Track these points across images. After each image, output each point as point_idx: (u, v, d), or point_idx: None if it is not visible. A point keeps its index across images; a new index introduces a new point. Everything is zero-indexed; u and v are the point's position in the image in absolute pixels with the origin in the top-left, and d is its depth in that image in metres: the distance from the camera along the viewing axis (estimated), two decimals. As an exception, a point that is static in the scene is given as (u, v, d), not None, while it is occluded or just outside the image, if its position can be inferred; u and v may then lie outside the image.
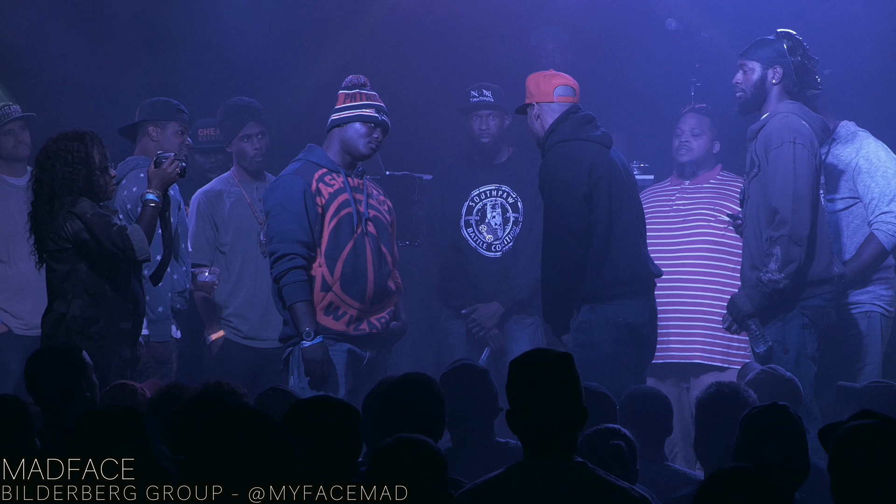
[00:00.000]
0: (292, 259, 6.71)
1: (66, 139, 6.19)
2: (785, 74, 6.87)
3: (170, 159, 6.41)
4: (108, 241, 6.10)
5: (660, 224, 7.85)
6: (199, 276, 7.46)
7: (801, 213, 6.69)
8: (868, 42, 8.53)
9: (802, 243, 6.68)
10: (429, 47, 9.20)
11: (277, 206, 6.79)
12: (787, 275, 6.67)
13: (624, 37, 9.08)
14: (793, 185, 6.70)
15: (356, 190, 6.92)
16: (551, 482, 3.91)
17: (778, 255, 6.67)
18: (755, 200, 6.83)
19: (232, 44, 8.90)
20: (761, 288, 6.71)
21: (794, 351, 6.75)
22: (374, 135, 6.89)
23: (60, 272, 6.16)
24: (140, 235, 6.17)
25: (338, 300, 6.80)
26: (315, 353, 6.68)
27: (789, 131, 6.75)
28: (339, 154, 6.92)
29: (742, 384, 5.51)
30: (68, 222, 6.10)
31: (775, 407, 4.37)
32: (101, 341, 6.12)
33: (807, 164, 6.72)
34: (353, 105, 6.90)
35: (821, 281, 6.81)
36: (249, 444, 3.05)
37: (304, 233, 6.74)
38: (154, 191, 6.35)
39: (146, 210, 6.32)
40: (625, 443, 4.73)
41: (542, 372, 4.00)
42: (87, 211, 6.10)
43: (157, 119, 7.23)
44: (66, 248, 6.13)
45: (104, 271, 6.18)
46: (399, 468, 3.89)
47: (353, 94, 6.92)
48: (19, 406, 4.76)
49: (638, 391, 5.88)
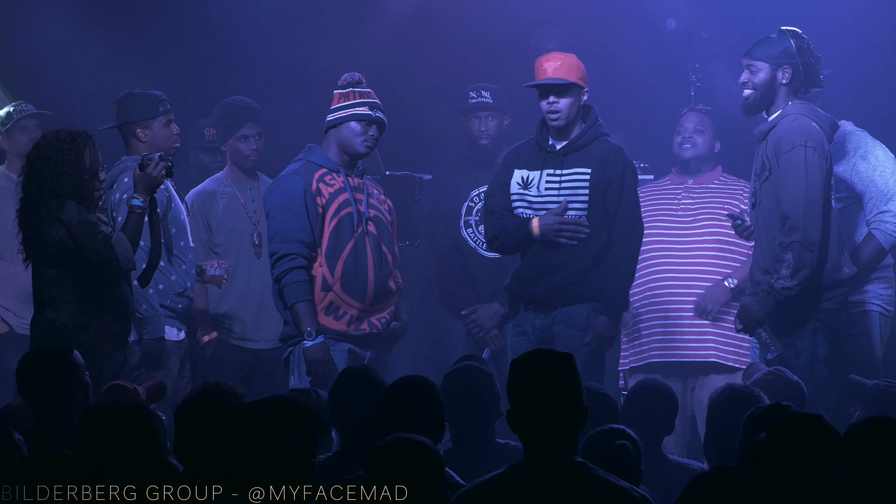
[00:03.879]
0: (293, 259, 6.70)
1: (58, 140, 6.11)
2: (794, 74, 6.80)
3: (154, 161, 6.30)
4: (91, 251, 6.03)
5: (667, 222, 7.83)
6: (209, 269, 7.41)
7: (813, 218, 6.62)
8: (868, 42, 8.52)
9: (814, 249, 6.62)
10: (428, 47, 9.19)
11: (278, 207, 6.78)
12: (800, 281, 6.62)
13: (624, 37, 9.07)
14: (804, 190, 6.63)
15: (356, 189, 6.91)
16: (551, 482, 3.91)
17: (790, 261, 6.61)
18: (767, 205, 6.76)
19: (239, 43, 8.91)
20: (774, 295, 6.64)
21: (806, 356, 6.69)
22: (370, 132, 6.87)
23: (48, 276, 6.10)
24: (125, 245, 6.09)
25: (338, 300, 6.80)
26: (317, 352, 6.68)
27: (801, 135, 6.68)
28: (337, 154, 6.91)
29: (750, 385, 5.51)
30: (53, 228, 6.02)
31: (777, 407, 4.35)
32: (93, 348, 6.05)
33: (818, 169, 6.66)
34: (346, 104, 6.89)
35: (833, 284, 6.77)
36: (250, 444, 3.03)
37: (305, 233, 6.74)
38: (139, 196, 6.27)
39: (131, 217, 6.24)
40: (630, 443, 4.72)
41: (542, 372, 3.99)
42: (72, 217, 6.02)
43: (142, 119, 7.03)
44: (51, 253, 6.07)
45: (94, 276, 6.12)
46: (397, 468, 3.88)
47: (347, 93, 6.91)
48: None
49: (647, 382, 5.96)
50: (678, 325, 7.62)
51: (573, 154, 6.84)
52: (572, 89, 6.79)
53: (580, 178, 6.82)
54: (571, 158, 6.84)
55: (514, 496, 3.91)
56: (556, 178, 6.83)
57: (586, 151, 6.83)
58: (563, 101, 6.79)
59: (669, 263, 7.75)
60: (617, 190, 6.80)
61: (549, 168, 6.85)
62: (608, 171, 6.79)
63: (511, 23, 9.21)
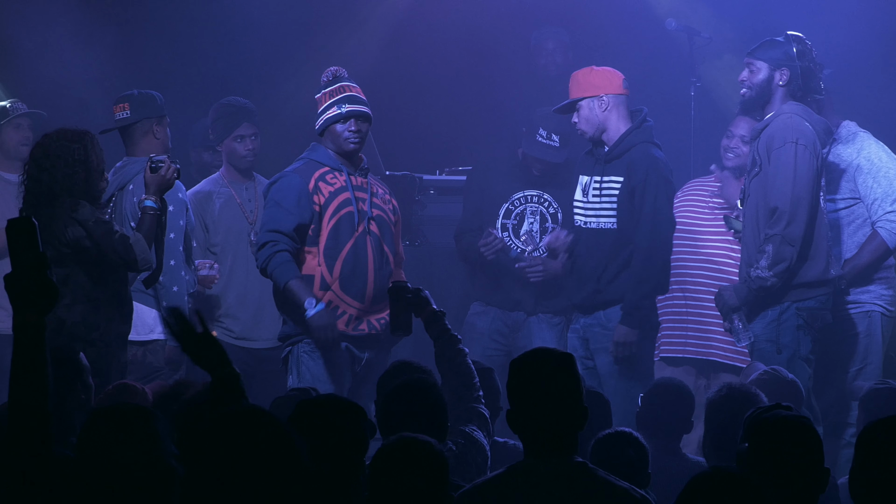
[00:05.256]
0: (274, 245, 6.69)
1: (65, 139, 6.11)
2: (792, 77, 6.86)
3: (166, 163, 6.34)
4: (111, 251, 6.07)
5: (691, 219, 7.82)
6: (200, 270, 7.43)
7: (798, 214, 6.71)
8: (868, 42, 8.52)
9: (795, 244, 6.70)
10: (428, 47, 9.19)
11: (270, 202, 6.81)
12: (776, 273, 6.70)
13: (624, 37, 9.07)
14: (792, 186, 6.71)
15: (359, 188, 6.88)
16: (551, 482, 3.91)
17: (769, 254, 6.71)
18: (755, 199, 6.85)
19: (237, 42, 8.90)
20: (749, 283, 6.77)
21: (787, 352, 6.76)
22: (350, 128, 6.83)
23: (58, 276, 6.07)
24: (143, 245, 6.15)
25: (337, 299, 6.77)
26: (321, 318, 6.65)
27: (792, 132, 6.76)
28: (336, 154, 6.90)
29: (747, 384, 5.51)
30: (69, 228, 6.04)
31: (777, 408, 4.34)
32: (105, 347, 6.11)
33: (808, 166, 6.74)
34: (322, 110, 6.86)
35: (817, 283, 6.82)
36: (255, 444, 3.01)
37: (289, 225, 6.69)
38: (152, 197, 6.31)
39: (145, 217, 6.28)
40: (634, 450, 4.71)
41: (542, 371, 3.99)
42: (88, 218, 6.04)
43: (157, 115, 7.00)
44: (64, 252, 6.09)
45: (102, 276, 6.15)
46: (401, 468, 3.86)
47: (321, 97, 6.87)
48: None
49: (664, 381, 6.01)
50: (691, 322, 7.61)
51: (614, 161, 7.01)
52: (582, 103, 6.97)
53: (614, 186, 6.99)
54: (612, 166, 7.01)
55: (514, 496, 3.91)
56: (598, 185, 7.02)
57: (624, 159, 6.99)
58: (579, 117, 7.01)
59: (685, 259, 7.73)
60: (639, 199, 6.93)
61: (596, 175, 7.05)
62: (632, 179, 6.93)
63: (511, 23, 9.22)
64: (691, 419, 5.82)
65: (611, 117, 6.96)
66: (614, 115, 6.97)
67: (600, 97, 6.96)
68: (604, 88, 6.97)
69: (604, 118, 6.96)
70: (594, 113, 6.97)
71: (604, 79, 7.00)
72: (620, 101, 6.99)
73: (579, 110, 7.00)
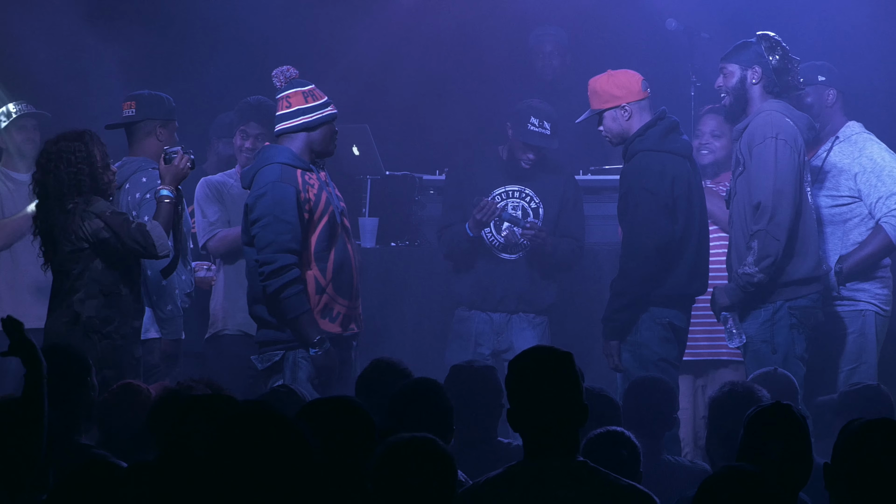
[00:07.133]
0: (291, 270, 6.48)
1: (65, 139, 6.20)
2: (764, 73, 6.88)
3: (179, 154, 6.43)
4: (129, 239, 6.14)
5: None
6: (197, 272, 7.43)
7: (781, 209, 6.72)
8: (868, 43, 8.53)
9: (781, 238, 6.71)
10: (428, 47, 9.20)
11: (270, 215, 6.47)
12: (762, 269, 6.71)
13: (624, 37, 9.08)
14: (773, 180, 6.73)
15: (326, 184, 6.71)
16: (552, 481, 3.90)
17: (755, 249, 6.72)
18: (741, 198, 6.86)
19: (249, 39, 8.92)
20: (737, 281, 6.77)
21: (782, 351, 6.76)
22: (335, 129, 6.68)
23: (72, 273, 6.18)
24: (160, 231, 6.22)
25: (331, 301, 6.62)
26: (330, 358, 6.51)
27: (771, 127, 6.79)
28: (306, 152, 6.60)
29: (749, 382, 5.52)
30: (86, 221, 6.13)
31: (778, 406, 4.35)
32: (121, 340, 6.18)
33: (788, 160, 6.76)
34: (307, 108, 6.61)
35: (808, 280, 6.84)
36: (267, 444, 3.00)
37: (297, 242, 6.49)
38: (167, 186, 6.39)
39: (162, 206, 6.36)
40: (626, 450, 4.71)
41: (542, 370, 3.99)
42: (104, 210, 6.15)
43: (164, 118, 7.00)
44: (83, 247, 6.15)
45: (118, 270, 6.22)
46: (407, 467, 3.82)
47: (291, 96, 6.65)
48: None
49: (644, 379, 5.99)
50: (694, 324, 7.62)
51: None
52: (605, 114, 6.88)
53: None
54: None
55: (515, 495, 3.91)
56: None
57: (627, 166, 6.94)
58: (604, 127, 6.91)
59: None
60: (622, 211, 6.86)
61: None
62: (621, 189, 6.86)
63: (511, 22, 9.23)
64: (674, 417, 5.80)
65: (633, 125, 6.86)
66: (636, 120, 6.87)
67: (622, 107, 6.86)
68: (624, 98, 6.85)
69: (628, 126, 6.85)
70: (618, 123, 6.87)
71: (622, 87, 6.87)
72: (643, 106, 6.87)
73: (603, 121, 6.90)
